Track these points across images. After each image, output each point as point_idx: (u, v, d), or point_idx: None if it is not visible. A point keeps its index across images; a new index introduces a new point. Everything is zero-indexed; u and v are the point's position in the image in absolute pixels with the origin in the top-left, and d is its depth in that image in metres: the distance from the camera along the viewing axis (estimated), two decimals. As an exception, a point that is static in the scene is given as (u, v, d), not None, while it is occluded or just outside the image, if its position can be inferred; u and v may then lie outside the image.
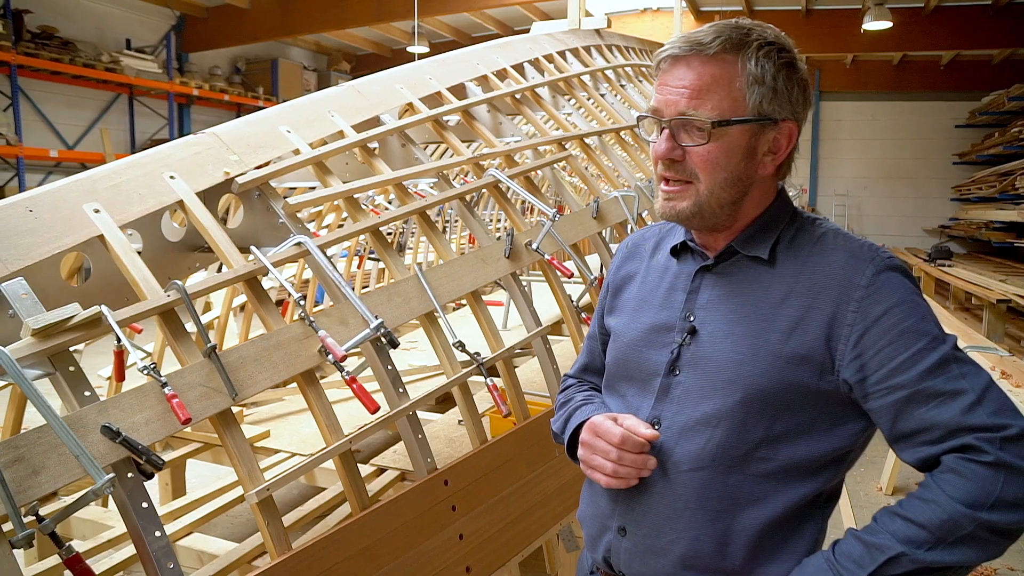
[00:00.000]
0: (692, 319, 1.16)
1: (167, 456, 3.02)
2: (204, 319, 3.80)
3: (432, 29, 13.02)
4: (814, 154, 15.55)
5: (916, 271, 11.31)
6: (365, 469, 2.64)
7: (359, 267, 5.62)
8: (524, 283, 5.43)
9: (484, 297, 6.16)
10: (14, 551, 1.30)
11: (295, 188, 3.20)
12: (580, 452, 1.19)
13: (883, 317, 1.04)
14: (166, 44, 11.58)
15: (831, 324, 1.06)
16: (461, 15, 11.95)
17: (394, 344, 2.01)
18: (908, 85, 14.72)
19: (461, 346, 2.22)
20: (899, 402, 1.02)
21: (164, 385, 1.53)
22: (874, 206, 15.36)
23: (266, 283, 4.66)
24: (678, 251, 1.24)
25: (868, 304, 1.05)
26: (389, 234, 6.23)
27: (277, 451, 3.01)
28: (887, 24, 10.23)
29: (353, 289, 5.48)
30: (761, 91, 1.09)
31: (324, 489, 2.69)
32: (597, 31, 5.38)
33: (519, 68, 3.87)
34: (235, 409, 3.17)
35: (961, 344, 3.25)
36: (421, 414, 3.50)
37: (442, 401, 4.12)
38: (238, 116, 5.29)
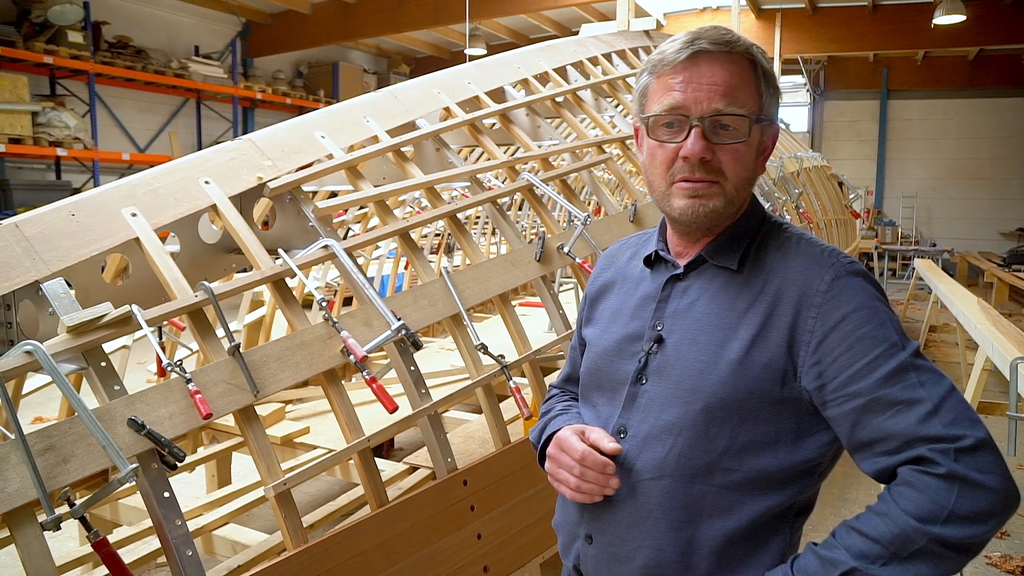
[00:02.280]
0: (660, 328, 1.15)
1: (213, 448, 3.14)
2: (253, 316, 3.94)
3: (490, 31, 13.13)
4: (881, 155, 15.04)
5: (988, 276, 10.81)
6: (399, 467, 2.70)
7: (406, 267, 5.71)
8: (571, 286, 5.44)
9: (531, 299, 6.17)
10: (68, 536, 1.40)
11: (337, 192, 3.29)
12: (547, 465, 1.20)
13: (841, 323, 1.02)
14: (232, 50, 12.00)
15: (792, 331, 1.05)
16: (519, 17, 12.01)
17: (417, 346, 2.05)
18: (985, 81, 14.08)
19: (484, 348, 2.25)
20: (856, 410, 1.00)
21: (188, 381, 1.61)
22: (945, 208, 14.75)
23: (312, 283, 4.75)
24: (651, 261, 1.23)
25: (827, 310, 1.03)
26: (437, 235, 6.31)
27: (315, 447, 3.09)
28: (960, 17, 9.82)
29: (400, 289, 5.58)
30: (769, 92, 1.12)
31: (357, 484, 2.76)
32: (646, 32, 5.34)
33: (562, 71, 3.88)
34: (277, 405, 3.32)
35: (1016, 355, 3.11)
36: (459, 414, 3.55)
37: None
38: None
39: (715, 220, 1.12)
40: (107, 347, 3.05)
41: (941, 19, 9.88)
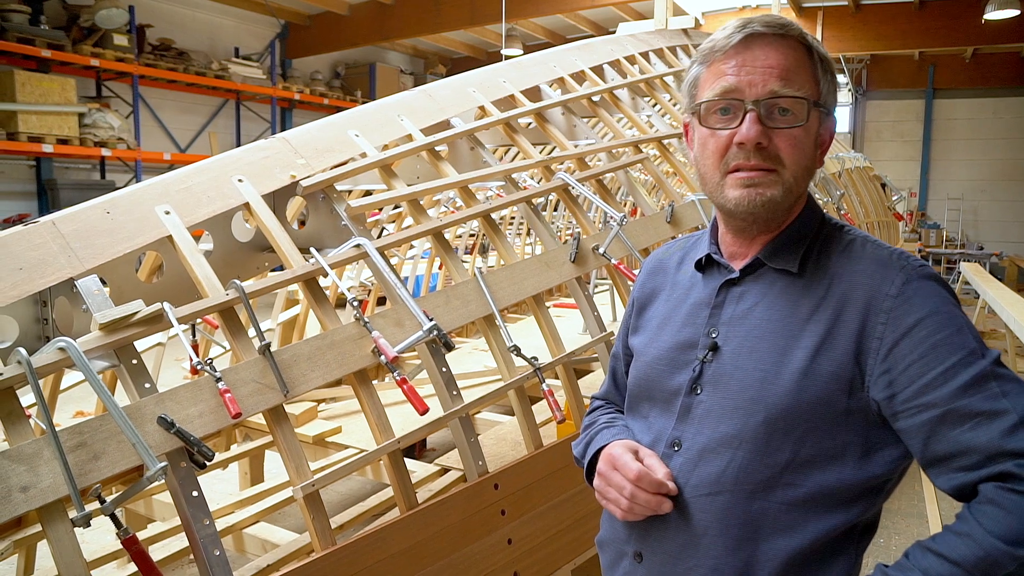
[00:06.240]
0: (715, 335, 1.10)
1: (246, 446, 3.16)
2: (288, 314, 3.96)
3: (526, 32, 13.09)
4: (925, 156, 14.66)
5: (1039, 281, 10.45)
6: (430, 468, 2.68)
7: (440, 267, 5.71)
8: (607, 287, 5.37)
9: (566, 300, 6.12)
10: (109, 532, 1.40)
11: (372, 191, 3.28)
12: (596, 482, 1.15)
13: (914, 329, 0.96)
14: (271, 51, 12.17)
15: (860, 338, 0.99)
16: (556, 17, 11.96)
17: (449, 347, 2.02)
18: (1038, 78, 13.62)
19: (517, 350, 2.21)
20: (931, 422, 0.94)
21: (218, 380, 1.60)
22: (992, 211, 14.30)
23: (346, 282, 4.77)
24: (703, 265, 1.18)
25: (898, 315, 0.98)
26: (472, 235, 6.30)
27: (347, 447, 3.09)
28: (1013, 12, 9.47)
29: (434, 289, 5.58)
30: (828, 80, 1.07)
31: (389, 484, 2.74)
32: (684, 31, 5.25)
33: (598, 70, 3.82)
34: (309, 404, 3.32)
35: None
36: (492, 415, 3.52)
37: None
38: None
39: (772, 212, 1.06)
40: (142, 344, 3.09)
41: (992, 14, 9.56)
